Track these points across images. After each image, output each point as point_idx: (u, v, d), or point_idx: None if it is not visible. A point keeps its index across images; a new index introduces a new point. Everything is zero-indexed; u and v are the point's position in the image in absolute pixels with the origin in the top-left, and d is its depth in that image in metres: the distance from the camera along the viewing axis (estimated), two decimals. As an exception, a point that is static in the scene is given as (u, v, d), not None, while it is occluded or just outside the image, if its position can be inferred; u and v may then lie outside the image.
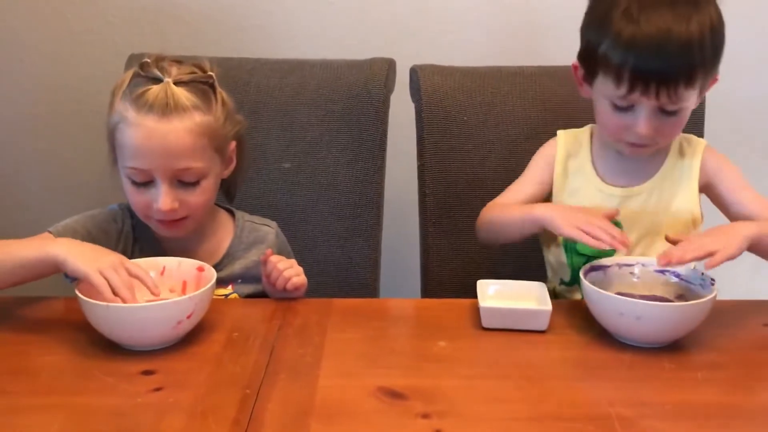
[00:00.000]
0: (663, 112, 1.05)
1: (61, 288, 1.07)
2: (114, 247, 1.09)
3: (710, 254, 0.96)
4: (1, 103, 1.68)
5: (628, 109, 1.06)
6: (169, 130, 1.03)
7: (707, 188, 1.15)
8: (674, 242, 1.04)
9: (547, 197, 1.20)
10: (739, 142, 1.65)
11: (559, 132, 1.21)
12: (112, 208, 1.15)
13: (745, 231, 1.01)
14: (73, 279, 1.05)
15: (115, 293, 0.92)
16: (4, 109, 1.69)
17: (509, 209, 1.16)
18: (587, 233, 1.01)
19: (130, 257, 1.09)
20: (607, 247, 1.01)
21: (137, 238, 1.14)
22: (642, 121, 1.05)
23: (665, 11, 1.01)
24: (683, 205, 1.14)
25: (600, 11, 1.06)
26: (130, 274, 0.95)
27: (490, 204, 1.20)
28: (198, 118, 1.05)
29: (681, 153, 1.15)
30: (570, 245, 1.17)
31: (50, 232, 1.06)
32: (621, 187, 1.15)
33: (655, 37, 1.00)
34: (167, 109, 1.02)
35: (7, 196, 1.74)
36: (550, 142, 1.21)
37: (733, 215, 1.13)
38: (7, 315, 1.04)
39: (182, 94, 1.04)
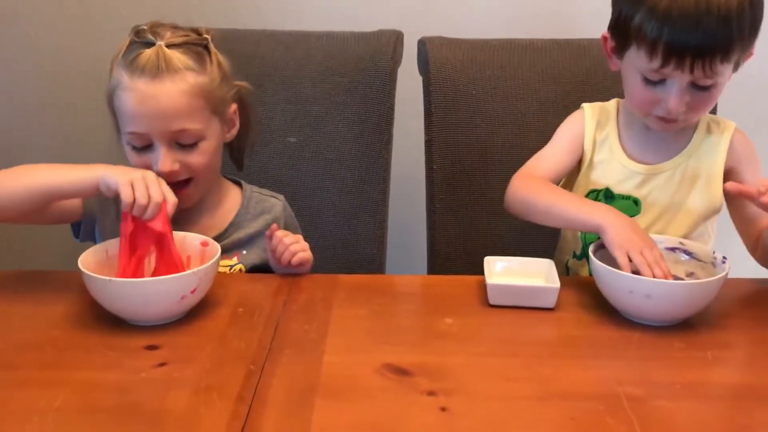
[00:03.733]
0: (695, 86, 1.01)
1: (65, 262, 1.06)
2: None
3: None
4: (6, 77, 1.67)
5: (659, 83, 1.02)
6: (162, 91, 1.03)
7: (730, 173, 1.12)
8: (736, 191, 0.99)
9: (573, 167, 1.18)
10: (753, 121, 1.62)
11: (585, 105, 1.18)
12: None
13: None
14: (83, 240, 1.09)
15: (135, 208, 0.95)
16: (9, 82, 1.68)
17: (561, 197, 1.08)
18: (632, 260, 0.96)
19: None
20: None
21: None
22: (673, 95, 1.02)
23: None
24: (707, 184, 1.12)
25: None
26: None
27: (524, 174, 1.14)
28: (191, 79, 1.05)
29: (708, 132, 1.12)
30: None
31: None
32: (646, 165, 1.12)
33: (693, 10, 0.95)
34: (159, 71, 1.03)
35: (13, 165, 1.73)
36: (577, 114, 1.18)
37: (745, 213, 1.10)
38: (11, 289, 1.03)
39: (174, 56, 1.04)
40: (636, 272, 0.96)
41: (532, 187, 1.11)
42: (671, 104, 1.02)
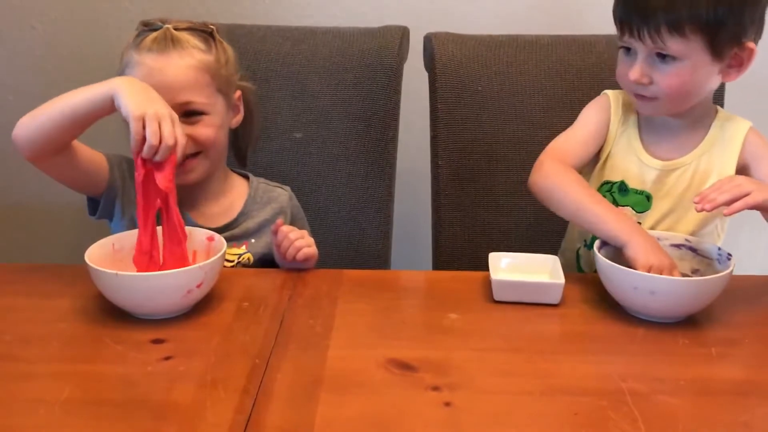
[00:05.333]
0: (660, 58, 1.04)
1: (71, 257, 1.07)
2: None
3: (745, 194, 0.94)
4: (13, 70, 1.68)
5: (630, 56, 1.06)
6: (169, 64, 1.06)
7: (743, 171, 1.12)
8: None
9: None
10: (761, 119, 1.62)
11: (608, 92, 1.18)
12: None
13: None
14: (99, 216, 1.10)
15: (141, 149, 0.94)
16: (16, 75, 1.68)
17: (591, 201, 1.06)
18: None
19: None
20: None
21: None
22: (635, 64, 1.05)
23: None
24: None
25: None
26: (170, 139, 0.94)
27: (555, 156, 1.12)
28: (198, 56, 1.08)
29: (723, 130, 1.12)
30: None
31: (105, 155, 1.11)
32: (662, 160, 1.12)
33: None
34: (166, 47, 1.06)
35: (22, 162, 1.74)
36: (601, 99, 1.18)
37: None
38: (19, 282, 1.04)
39: (182, 35, 1.08)
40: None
41: (565, 180, 1.09)
42: (631, 73, 1.05)
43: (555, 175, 1.10)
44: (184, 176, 1.10)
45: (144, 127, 0.94)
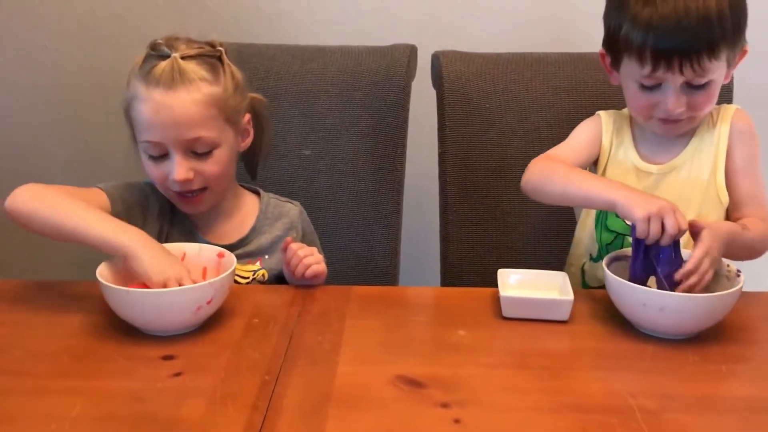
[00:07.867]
0: (691, 86, 1.05)
1: (83, 272, 1.08)
2: (153, 221, 1.12)
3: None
4: (24, 88, 1.70)
5: (655, 87, 1.06)
6: (176, 101, 1.05)
7: (727, 154, 1.13)
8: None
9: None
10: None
11: (600, 112, 1.20)
12: (148, 182, 1.15)
13: (724, 236, 0.99)
14: None
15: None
16: (28, 93, 1.70)
17: (577, 175, 1.08)
18: (657, 221, 0.95)
19: (166, 231, 1.13)
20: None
21: (171, 212, 1.15)
22: (670, 97, 1.05)
23: None
24: (712, 175, 1.13)
25: None
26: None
27: (543, 159, 1.14)
28: (205, 89, 1.07)
29: (711, 124, 1.14)
30: (601, 219, 1.17)
31: (101, 189, 1.09)
32: (658, 165, 1.14)
33: (673, 15, 1.00)
34: (173, 81, 1.05)
35: (32, 179, 1.75)
36: (593, 119, 1.20)
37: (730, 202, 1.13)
38: (29, 298, 1.05)
39: (188, 67, 1.06)
40: (645, 282, 0.96)
41: (550, 167, 1.12)
42: (669, 106, 1.06)
43: (539, 168, 1.12)
44: (191, 208, 1.12)
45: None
